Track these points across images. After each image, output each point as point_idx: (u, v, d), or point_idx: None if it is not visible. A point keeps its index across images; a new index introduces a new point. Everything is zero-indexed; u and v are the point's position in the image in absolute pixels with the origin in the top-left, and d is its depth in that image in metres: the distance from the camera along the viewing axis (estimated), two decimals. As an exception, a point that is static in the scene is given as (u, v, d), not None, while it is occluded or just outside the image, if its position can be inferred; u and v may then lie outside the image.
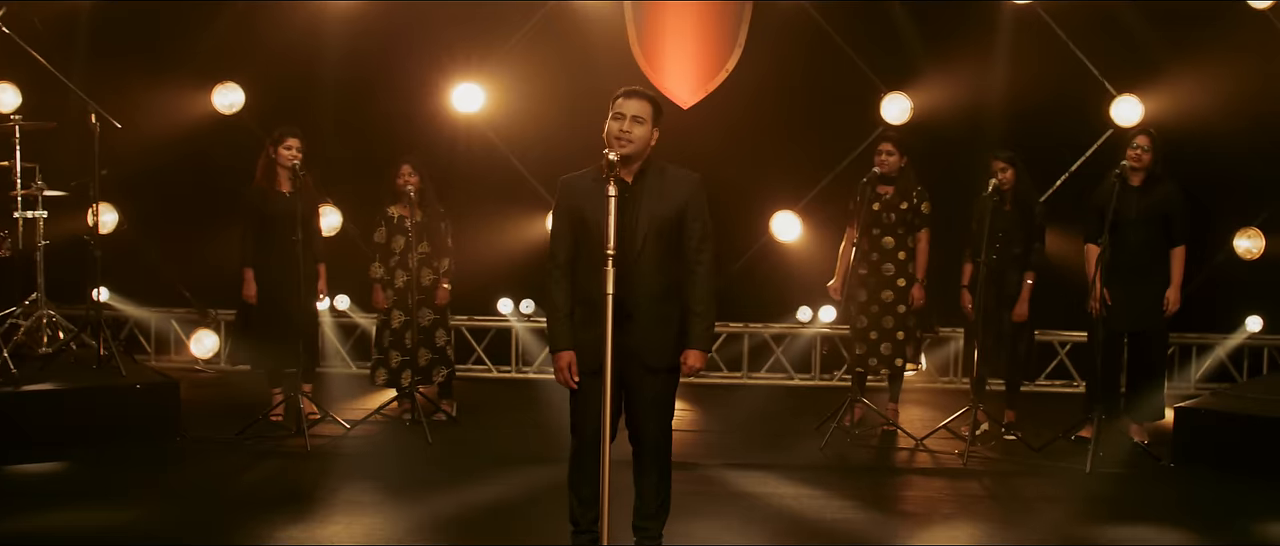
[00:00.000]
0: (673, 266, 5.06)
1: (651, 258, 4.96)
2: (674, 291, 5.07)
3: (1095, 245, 7.87)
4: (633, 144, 4.97)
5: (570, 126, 9.85)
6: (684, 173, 5.13)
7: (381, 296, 8.42)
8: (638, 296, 4.88)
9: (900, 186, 8.18)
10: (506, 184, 10.36)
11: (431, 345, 8.44)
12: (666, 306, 5.05)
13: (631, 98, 5.05)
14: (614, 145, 4.93)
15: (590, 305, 4.94)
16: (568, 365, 5.03)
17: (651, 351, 5.00)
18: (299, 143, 8.01)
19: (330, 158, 9.50)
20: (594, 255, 4.91)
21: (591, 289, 4.90)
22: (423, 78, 10.24)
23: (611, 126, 4.99)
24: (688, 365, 5.06)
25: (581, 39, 10.27)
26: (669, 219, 5.01)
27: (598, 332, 4.82)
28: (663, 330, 5.04)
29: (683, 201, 5.04)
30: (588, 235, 4.98)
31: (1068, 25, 10.02)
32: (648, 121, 5.03)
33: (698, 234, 5.06)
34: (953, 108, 9.91)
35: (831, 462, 7.56)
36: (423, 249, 8.35)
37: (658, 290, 5.00)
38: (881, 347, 8.24)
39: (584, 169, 5.17)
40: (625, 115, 4.99)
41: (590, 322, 4.94)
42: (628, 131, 4.96)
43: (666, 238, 5.02)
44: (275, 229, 7.95)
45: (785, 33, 10.16)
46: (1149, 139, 7.82)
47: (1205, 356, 10.26)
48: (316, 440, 7.73)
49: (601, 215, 4.83)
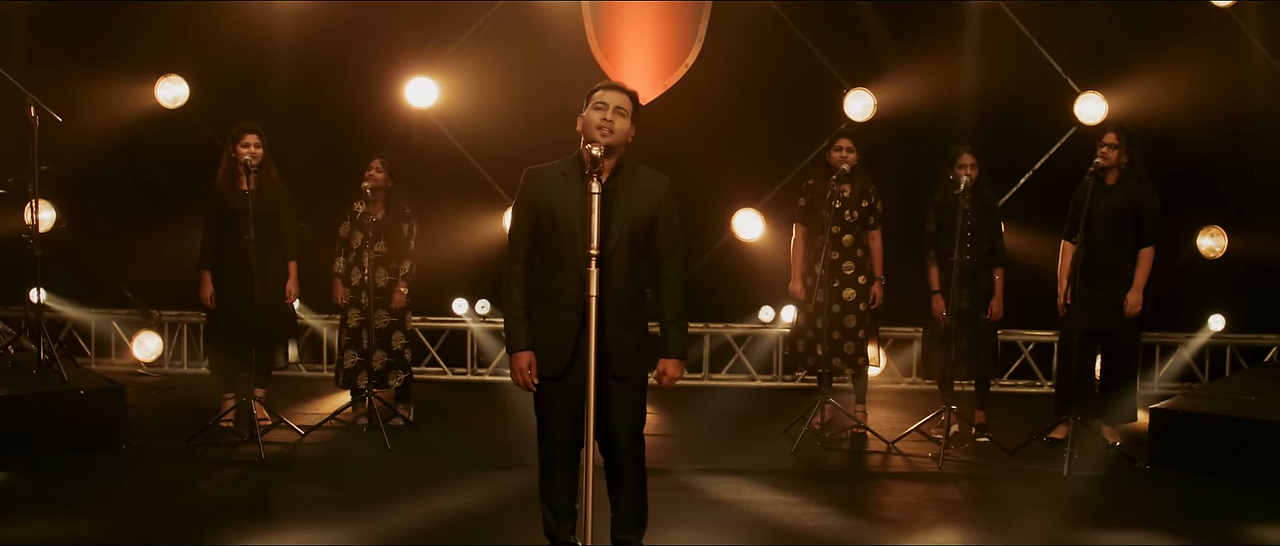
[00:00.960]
0: (642, 270, 4.86)
1: (623, 260, 4.73)
2: (641, 295, 4.88)
3: (1069, 243, 7.78)
4: (614, 135, 4.75)
5: (526, 122, 9.72)
6: (655, 175, 4.92)
7: (341, 292, 8.18)
8: (607, 299, 4.60)
9: (857, 184, 8.06)
10: (461, 181, 10.11)
11: (387, 348, 8.17)
12: (635, 310, 4.84)
13: (613, 89, 4.83)
14: (596, 136, 4.69)
15: (552, 305, 4.75)
16: (527, 366, 4.79)
17: (619, 356, 4.75)
18: (257, 139, 7.71)
19: (281, 153, 9.18)
20: (560, 253, 4.72)
21: (554, 288, 4.72)
22: (376, 73, 9.95)
23: (592, 116, 4.75)
24: (667, 376, 4.88)
25: (538, 33, 10.05)
26: (642, 221, 4.80)
27: (562, 335, 4.68)
28: (630, 334, 4.82)
29: (655, 205, 4.84)
30: (554, 232, 4.75)
31: (1032, 22, 9.93)
32: (629, 115, 4.82)
33: (670, 238, 4.88)
34: (916, 105, 9.77)
35: (804, 467, 7.38)
36: (379, 248, 8.08)
37: (627, 294, 4.78)
38: (845, 347, 8.08)
39: (552, 161, 4.93)
40: (608, 105, 4.76)
41: (551, 324, 4.75)
42: (610, 122, 4.74)
43: (638, 241, 4.81)
44: (235, 228, 7.65)
45: (746, 28, 9.99)
46: (1116, 136, 7.72)
47: (1168, 356, 10.19)
48: (270, 447, 7.43)
49: (573, 212, 4.66)
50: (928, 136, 9.60)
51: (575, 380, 4.67)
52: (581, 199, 4.65)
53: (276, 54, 9.79)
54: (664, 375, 4.87)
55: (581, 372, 4.55)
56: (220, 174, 7.82)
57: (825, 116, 9.95)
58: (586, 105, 4.82)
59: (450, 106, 10.04)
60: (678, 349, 4.88)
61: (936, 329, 8.13)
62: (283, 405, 8.35)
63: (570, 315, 4.68)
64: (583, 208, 4.62)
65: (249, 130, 7.72)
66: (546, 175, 4.85)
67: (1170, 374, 10.14)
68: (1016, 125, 9.78)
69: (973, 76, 9.86)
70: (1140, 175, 7.72)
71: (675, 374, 4.88)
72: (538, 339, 4.79)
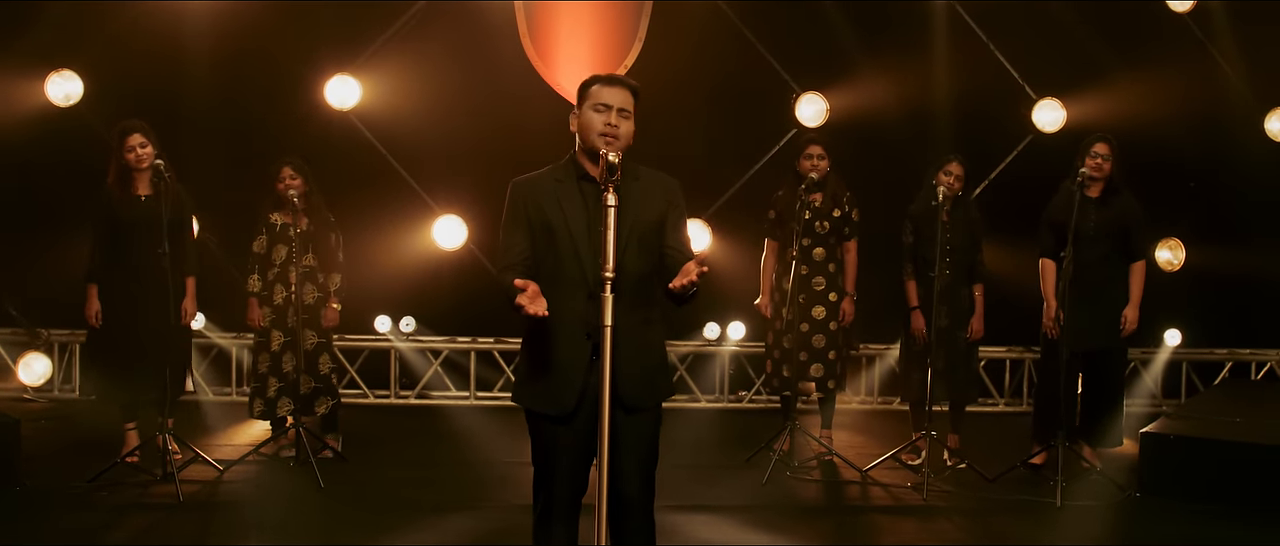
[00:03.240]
0: (653, 284, 4.17)
1: (634, 275, 4.03)
2: (655, 316, 4.21)
3: (1051, 261, 7.33)
4: (621, 140, 4.07)
5: (454, 126, 9.12)
6: (659, 175, 4.26)
7: (258, 314, 7.35)
8: (620, 322, 3.87)
9: (830, 193, 7.52)
10: (384, 187, 9.35)
11: (315, 372, 7.41)
12: (649, 333, 4.17)
13: (615, 86, 4.13)
14: (599, 144, 4.03)
15: (554, 332, 4.03)
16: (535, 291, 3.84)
17: (631, 388, 4.05)
18: (143, 139, 6.90)
19: (183, 157, 8.36)
20: (560, 272, 4.04)
21: (556, 313, 3.95)
22: (292, 71, 9.19)
23: (592, 120, 4.08)
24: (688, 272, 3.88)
25: (468, 32, 9.38)
26: (651, 225, 4.12)
27: (569, 367, 4.01)
28: (645, 360, 4.14)
29: (663, 203, 4.17)
30: (553, 249, 4.05)
31: (990, 27, 9.52)
32: (632, 114, 4.15)
33: (682, 227, 4.22)
34: (867, 110, 9.28)
35: (781, 501, 6.79)
36: (307, 261, 7.33)
37: (640, 315, 4.10)
38: (811, 369, 7.55)
39: (539, 169, 4.24)
40: (612, 106, 4.08)
41: (555, 355, 4.05)
42: (615, 127, 4.06)
43: (648, 249, 4.12)
44: (131, 238, 6.88)
45: (690, 28, 9.43)
46: (1109, 146, 7.28)
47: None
48: (188, 486, 6.60)
49: (577, 225, 4.01)
50: (878, 142, 9.14)
51: (585, 420, 4.01)
52: (584, 211, 4.03)
53: (183, 50, 8.90)
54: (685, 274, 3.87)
55: (593, 410, 3.88)
56: (111, 178, 6.99)
57: (776, 122, 9.49)
58: (582, 104, 4.16)
59: (372, 109, 9.27)
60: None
61: (913, 348, 7.64)
62: (190, 434, 7.54)
63: (577, 343, 4.01)
64: (588, 220, 4.00)
65: (132, 129, 6.91)
66: (539, 185, 4.16)
67: (1132, 393, 9.80)
68: (973, 132, 9.32)
69: (928, 82, 9.43)
70: (1122, 187, 7.31)
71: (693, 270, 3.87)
72: (539, 373, 4.11)
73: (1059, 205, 7.32)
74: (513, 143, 9.18)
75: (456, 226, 9.34)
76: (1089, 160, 7.20)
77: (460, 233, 9.34)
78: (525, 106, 9.25)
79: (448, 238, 9.36)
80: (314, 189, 7.39)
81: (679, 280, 3.86)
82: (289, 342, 7.24)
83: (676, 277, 3.88)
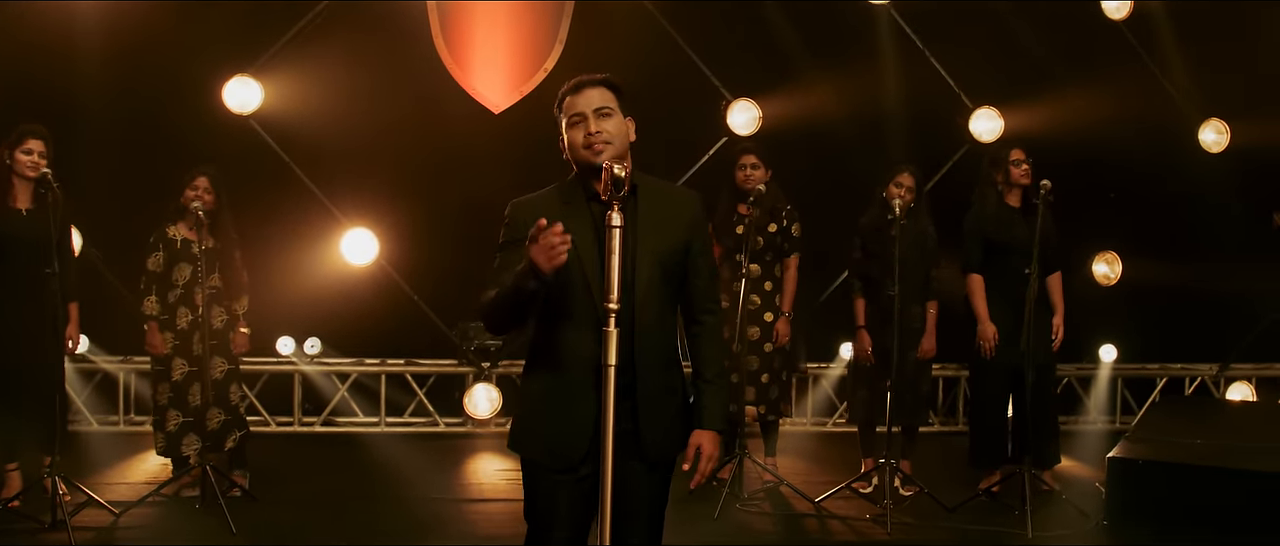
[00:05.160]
0: (674, 320, 3.64)
1: (653, 309, 3.47)
2: (675, 354, 3.64)
3: (978, 275, 6.99)
4: (611, 146, 3.52)
5: (365, 133, 8.50)
6: (679, 189, 3.72)
7: (159, 339, 6.63)
8: (638, 365, 3.43)
9: (767, 205, 7.05)
10: (288, 198, 8.67)
11: (225, 403, 6.72)
12: (670, 375, 3.59)
13: (583, 89, 3.56)
14: (588, 157, 3.48)
15: (561, 373, 3.47)
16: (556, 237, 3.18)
17: (654, 438, 3.50)
18: (42, 147, 6.21)
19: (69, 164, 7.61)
20: (569, 306, 3.45)
21: (564, 351, 3.45)
22: (188, 73, 8.43)
23: (573, 137, 3.52)
24: (706, 453, 3.56)
25: (377, 33, 8.74)
26: (674, 253, 3.55)
27: (578, 412, 3.41)
28: (666, 408, 3.57)
29: (687, 230, 3.60)
30: (563, 280, 3.40)
31: (929, 34, 9.19)
32: (615, 110, 3.56)
33: (707, 272, 3.67)
34: (810, 117, 8.87)
35: (737, 538, 6.30)
36: (213, 282, 6.64)
37: (661, 355, 3.53)
38: (745, 394, 7.09)
39: (542, 189, 3.65)
40: (586, 114, 3.51)
41: (561, 398, 3.47)
42: (597, 134, 3.49)
43: (671, 281, 3.57)
44: (9, 257, 6.13)
45: (616, 30, 8.92)
46: (1025, 152, 7.01)
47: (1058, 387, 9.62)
48: (81, 533, 5.88)
49: (589, 253, 3.44)
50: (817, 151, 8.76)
51: (592, 473, 3.41)
52: (595, 235, 3.46)
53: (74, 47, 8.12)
54: (702, 453, 3.56)
55: (602, 463, 3.30)
56: None
57: (706, 130, 9.03)
58: (561, 121, 3.59)
59: (275, 115, 8.56)
60: (716, 419, 3.60)
61: (860, 368, 7.24)
62: (79, 472, 6.80)
63: (586, 388, 3.42)
64: (601, 246, 3.39)
65: (32, 134, 6.21)
66: (544, 206, 3.49)
67: (1074, 411, 9.62)
68: (915, 140, 8.98)
69: (869, 89, 9.08)
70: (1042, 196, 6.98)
71: (713, 452, 3.58)
72: (542, 419, 3.52)
73: (981, 217, 7.02)
74: (426, 151, 8.68)
75: (366, 240, 8.68)
76: (1013, 169, 6.95)
77: (371, 247, 8.69)
78: (439, 113, 8.71)
79: (357, 252, 8.69)
80: (225, 205, 6.74)
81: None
82: (195, 373, 6.54)
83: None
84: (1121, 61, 9.45)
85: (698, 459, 3.56)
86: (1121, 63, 9.44)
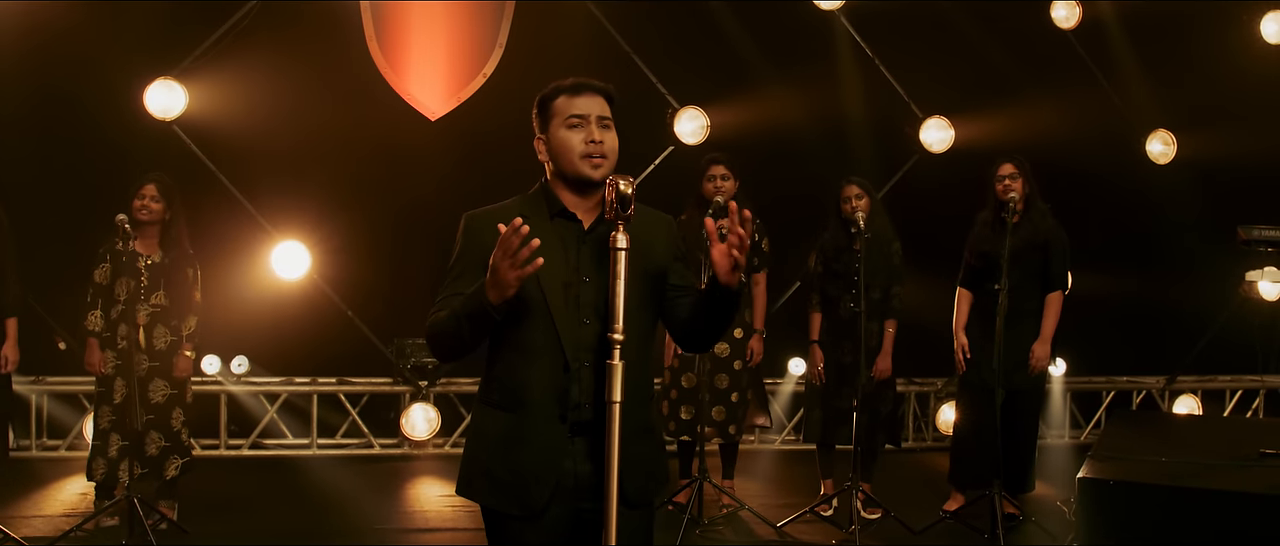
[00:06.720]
0: (649, 353, 3.34)
1: (633, 339, 3.08)
2: (650, 389, 3.41)
3: (966, 290, 6.79)
4: (609, 161, 3.23)
5: (295, 141, 8.11)
6: (655, 212, 3.39)
7: (98, 357, 6.21)
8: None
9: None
10: (213, 208, 8.17)
11: (166, 428, 6.29)
12: (645, 412, 3.29)
13: (586, 92, 3.28)
14: (583, 168, 3.19)
15: (520, 412, 3.14)
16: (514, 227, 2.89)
17: (636, 474, 3.17)
18: None
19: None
20: (529, 339, 3.13)
21: (524, 388, 3.13)
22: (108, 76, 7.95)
23: (569, 139, 3.22)
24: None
25: (308, 35, 8.35)
26: (653, 277, 3.26)
27: (540, 456, 3.12)
28: (646, 443, 3.28)
29: (665, 255, 3.31)
30: (522, 307, 3.08)
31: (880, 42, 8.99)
32: (612, 125, 3.29)
33: (687, 277, 3.38)
34: (762, 125, 8.59)
35: (704, 567, 6.03)
36: (158, 300, 6.21)
37: (638, 388, 3.19)
38: (712, 412, 6.83)
39: (501, 202, 3.32)
40: (589, 118, 3.23)
41: (521, 440, 3.14)
42: (600, 143, 3.22)
43: (649, 307, 3.28)
44: None
45: (558, 33, 8.62)
46: (1014, 166, 6.77)
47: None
48: (-4, 576, 5.44)
49: (553, 279, 3.11)
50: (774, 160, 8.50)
51: (557, 519, 3.13)
52: (567, 258, 3.17)
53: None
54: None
55: (569, 506, 3.11)
56: None
57: (653, 137, 8.74)
58: (549, 123, 3.28)
59: (200, 117, 8.10)
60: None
61: (813, 387, 7.00)
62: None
63: (551, 426, 3.12)
64: (571, 269, 3.15)
65: None
66: (502, 221, 3.04)
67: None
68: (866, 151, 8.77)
69: (815, 97, 8.84)
70: (1043, 208, 6.81)
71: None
72: (500, 461, 3.16)
73: (972, 234, 6.86)
74: (359, 160, 8.31)
75: (298, 253, 8.26)
76: (996, 184, 6.71)
77: (302, 261, 8.26)
78: (373, 119, 8.35)
79: (287, 266, 8.26)
80: (177, 216, 6.34)
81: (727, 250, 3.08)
82: (131, 395, 6.09)
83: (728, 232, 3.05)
84: (1071, 71, 9.33)
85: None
86: (1071, 73, 9.32)
